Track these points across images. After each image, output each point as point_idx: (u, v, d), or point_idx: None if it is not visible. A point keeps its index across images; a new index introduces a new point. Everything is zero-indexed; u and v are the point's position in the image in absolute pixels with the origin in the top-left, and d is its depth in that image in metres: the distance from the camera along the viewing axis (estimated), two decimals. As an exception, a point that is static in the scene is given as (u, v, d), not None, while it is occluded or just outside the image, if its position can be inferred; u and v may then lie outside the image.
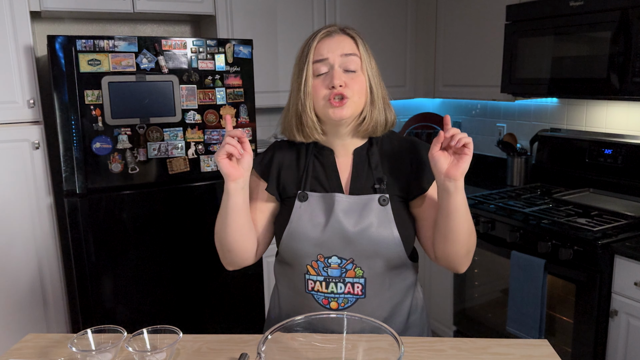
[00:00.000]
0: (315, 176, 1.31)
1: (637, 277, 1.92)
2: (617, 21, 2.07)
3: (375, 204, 1.25)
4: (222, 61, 2.39)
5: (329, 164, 1.31)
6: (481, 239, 2.51)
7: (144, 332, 1.23)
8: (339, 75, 1.21)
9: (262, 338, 1.03)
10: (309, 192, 1.29)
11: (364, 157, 1.31)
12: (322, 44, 1.23)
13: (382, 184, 1.27)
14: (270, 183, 1.33)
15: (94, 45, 2.14)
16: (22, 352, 1.25)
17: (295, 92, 1.26)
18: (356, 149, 1.32)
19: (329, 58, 1.22)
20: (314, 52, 1.23)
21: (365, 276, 1.26)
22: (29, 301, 2.39)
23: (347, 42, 1.24)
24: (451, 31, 3.09)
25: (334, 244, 1.24)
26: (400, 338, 1.01)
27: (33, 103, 2.27)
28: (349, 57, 1.23)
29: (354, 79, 1.23)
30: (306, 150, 1.33)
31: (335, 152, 1.32)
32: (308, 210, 1.27)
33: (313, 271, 1.27)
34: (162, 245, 2.42)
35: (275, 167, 1.34)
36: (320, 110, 1.24)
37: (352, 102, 1.22)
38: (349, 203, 1.25)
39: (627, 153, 2.45)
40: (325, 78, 1.22)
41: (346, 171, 1.31)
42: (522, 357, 1.19)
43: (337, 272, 1.26)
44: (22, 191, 2.30)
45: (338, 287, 1.26)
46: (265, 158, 1.37)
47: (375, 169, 1.29)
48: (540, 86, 2.44)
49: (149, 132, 2.29)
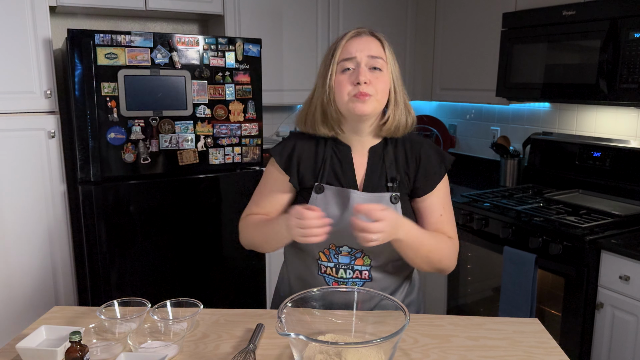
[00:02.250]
0: (333, 170, 1.37)
1: (622, 271, 2.03)
2: (606, 30, 2.20)
3: (387, 201, 1.33)
4: (232, 58, 2.49)
5: (346, 160, 1.37)
6: (475, 235, 2.62)
7: (167, 304, 1.33)
8: (365, 73, 1.26)
9: (282, 306, 1.13)
10: (325, 185, 1.35)
11: (379, 155, 1.37)
12: (351, 43, 1.29)
13: (395, 183, 1.35)
14: (292, 176, 1.38)
15: (111, 40, 2.24)
16: (51, 322, 1.33)
17: (321, 86, 1.32)
18: (372, 147, 1.38)
19: (356, 57, 1.27)
20: (342, 50, 1.29)
21: (372, 264, 1.35)
22: (40, 286, 2.47)
23: (375, 44, 1.30)
24: (449, 37, 3.21)
25: (346, 236, 1.29)
26: (406, 309, 1.12)
27: (50, 94, 2.36)
28: (375, 59, 1.28)
29: (379, 78, 1.28)
30: (325, 143, 1.38)
31: (352, 149, 1.38)
32: (323, 203, 1.34)
33: (324, 257, 1.36)
34: (171, 233, 2.52)
35: (295, 159, 1.38)
36: (343, 105, 1.29)
37: (374, 99, 1.28)
38: (362, 199, 1.32)
39: (615, 156, 2.57)
40: (352, 74, 1.28)
41: (361, 168, 1.37)
42: (515, 333, 1.30)
43: (346, 259, 1.35)
44: (37, 178, 2.39)
45: (347, 273, 1.36)
46: (286, 149, 1.40)
47: (389, 167, 1.36)
48: (534, 91, 2.56)
49: (161, 125, 2.39)
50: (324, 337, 1.18)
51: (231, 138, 2.57)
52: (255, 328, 1.28)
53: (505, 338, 1.27)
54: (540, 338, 1.27)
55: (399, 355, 1.19)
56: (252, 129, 2.61)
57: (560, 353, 1.21)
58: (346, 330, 1.22)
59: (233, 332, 1.29)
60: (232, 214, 2.64)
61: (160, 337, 1.23)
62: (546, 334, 1.29)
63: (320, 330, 1.20)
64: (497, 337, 1.27)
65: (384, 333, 1.12)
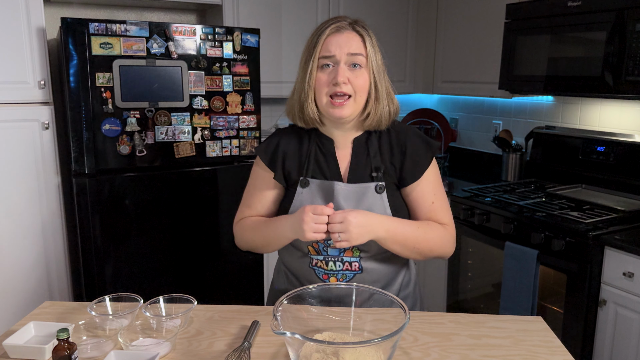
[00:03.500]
0: (317, 164, 1.36)
1: (625, 268, 2.00)
2: (612, 22, 2.15)
3: (372, 191, 1.32)
4: (230, 49, 2.45)
5: (330, 153, 1.37)
6: (476, 231, 2.58)
7: (159, 300, 1.29)
8: (343, 72, 1.25)
9: (278, 303, 1.09)
10: (310, 179, 1.35)
11: (363, 146, 1.36)
12: (331, 39, 1.27)
13: (379, 173, 1.33)
14: (277, 172, 1.38)
15: (106, 29, 2.19)
16: (41, 317, 1.31)
17: (300, 81, 1.32)
18: (356, 137, 1.37)
19: (335, 55, 1.26)
20: (321, 46, 1.27)
21: (361, 255, 1.34)
22: (33, 280, 2.43)
23: (355, 40, 1.28)
24: (451, 28, 3.16)
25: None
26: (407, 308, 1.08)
27: (44, 84, 2.31)
28: (355, 56, 1.27)
29: (358, 76, 1.27)
30: (309, 137, 1.39)
31: (335, 142, 1.37)
32: (309, 196, 1.34)
33: (314, 251, 1.35)
34: (167, 226, 2.48)
35: (280, 155, 1.38)
36: (322, 106, 1.30)
37: (352, 101, 1.27)
38: (347, 191, 1.32)
39: (619, 151, 2.53)
40: (330, 72, 1.27)
41: (345, 160, 1.37)
42: (518, 331, 1.27)
43: (335, 252, 1.33)
44: (31, 170, 2.35)
45: (337, 265, 1.34)
46: (270, 146, 1.41)
47: (373, 157, 1.35)
48: (537, 84, 2.51)
49: (157, 116, 2.34)
50: (321, 335, 1.14)
51: (229, 130, 2.52)
52: (251, 325, 1.24)
53: (508, 337, 1.24)
54: (544, 337, 1.24)
55: (398, 354, 1.16)
56: (250, 122, 2.57)
57: (565, 352, 1.17)
58: (344, 327, 1.19)
59: (228, 329, 1.26)
60: (229, 208, 2.60)
61: (153, 334, 1.20)
62: (550, 333, 1.26)
63: (318, 328, 1.17)
64: (500, 336, 1.24)
65: (383, 331, 1.09)
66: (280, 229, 1.31)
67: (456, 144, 3.60)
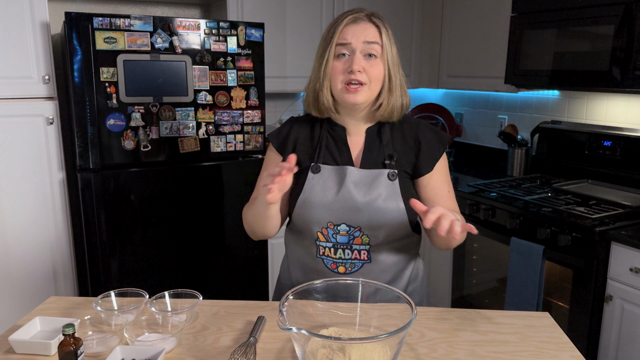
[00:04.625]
0: (328, 150, 1.38)
1: (632, 263, 1.99)
2: (620, 15, 2.13)
3: (384, 178, 1.32)
4: (234, 43, 2.43)
5: (341, 140, 1.38)
6: (481, 226, 2.57)
7: (165, 295, 1.29)
8: (359, 61, 1.27)
9: (284, 298, 1.08)
10: (321, 165, 1.36)
11: (376, 135, 1.38)
12: (348, 28, 1.29)
13: (392, 161, 1.34)
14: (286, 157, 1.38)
15: (110, 24, 2.18)
16: (47, 313, 1.31)
17: (316, 70, 1.34)
18: (369, 127, 1.39)
19: (351, 43, 1.28)
20: (338, 35, 1.29)
21: (370, 243, 1.33)
22: (38, 275, 2.44)
23: (372, 30, 1.30)
24: (457, 22, 3.14)
25: (344, 213, 1.31)
26: (413, 303, 1.07)
27: (48, 79, 2.31)
28: (371, 44, 1.28)
29: (373, 66, 1.29)
30: (320, 126, 1.40)
31: (347, 130, 1.39)
32: (320, 181, 1.34)
33: (323, 238, 1.34)
34: (172, 221, 2.48)
35: (291, 142, 1.41)
36: (336, 92, 1.31)
37: (367, 88, 1.29)
38: (359, 176, 1.33)
39: (626, 145, 2.51)
40: (346, 61, 1.29)
41: (357, 147, 1.38)
42: (525, 327, 1.26)
43: (345, 239, 1.33)
44: (35, 165, 2.35)
45: (345, 253, 1.34)
46: (282, 132, 1.43)
47: (386, 145, 1.36)
48: (543, 78, 2.49)
49: (161, 111, 2.34)
50: (327, 331, 1.14)
51: (233, 125, 2.52)
52: (257, 321, 1.24)
53: (515, 332, 1.23)
54: (551, 333, 1.23)
55: (404, 350, 1.15)
56: (255, 116, 2.56)
57: (572, 349, 1.16)
58: (350, 323, 1.19)
59: (233, 324, 1.26)
60: (234, 203, 2.60)
61: (158, 330, 1.20)
62: (557, 329, 1.25)
63: (324, 324, 1.17)
64: (507, 332, 1.23)
65: (390, 327, 1.08)
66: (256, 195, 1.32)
67: (461, 139, 3.58)
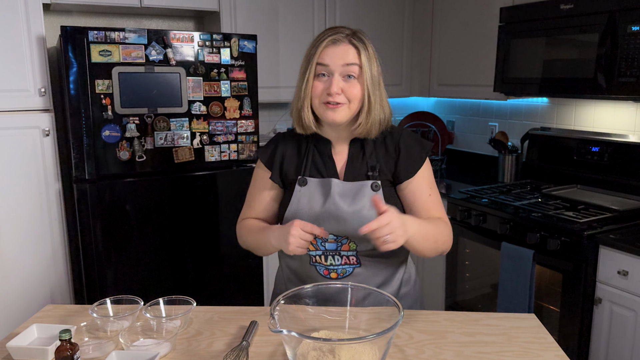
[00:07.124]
0: (314, 163, 1.42)
1: (620, 266, 2.02)
2: (604, 23, 2.18)
3: (368, 189, 1.36)
4: (228, 55, 2.48)
5: (326, 152, 1.42)
6: (472, 231, 2.61)
7: (159, 302, 1.32)
8: (337, 83, 1.30)
9: (275, 303, 1.11)
10: (308, 178, 1.40)
11: (359, 147, 1.41)
12: (327, 50, 1.31)
13: (375, 172, 1.38)
14: (274, 172, 1.44)
15: (105, 37, 2.22)
16: (44, 320, 1.33)
17: (298, 89, 1.37)
18: (352, 140, 1.42)
19: (330, 65, 1.31)
20: (318, 55, 1.32)
21: (358, 249, 1.37)
22: (35, 284, 2.45)
23: (351, 51, 1.31)
24: (446, 32, 3.19)
25: (331, 223, 1.34)
26: (401, 306, 1.11)
27: (44, 91, 2.34)
28: (349, 66, 1.31)
29: (352, 86, 1.32)
30: (307, 140, 1.44)
31: (332, 143, 1.43)
32: (307, 194, 1.38)
33: (312, 247, 1.37)
34: (167, 230, 2.50)
35: (278, 157, 1.44)
36: (316, 109, 1.35)
37: (346, 107, 1.32)
38: (344, 188, 1.36)
39: (613, 151, 2.56)
40: (326, 81, 1.32)
41: (342, 160, 1.42)
42: (511, 328, 1.29)
43: (333, 246, 1.37)
44: (32, 176, 2.37)
45: (335, 259, 1.38)
46: (269, 149, 1.47)
47: (369, 157, 1.39)
48: (532, 86, 2.54)
49: (156, 122, 2.37)
50: (318, 334, 1.17)
51: (227, 135, 2.55)
52: (249, 325, 1.27)
53: (502, 334, 1.26)
54: (536, 333, 1.26)
55: (393, 351, 1.18)
56: (249, 126, 2.60)
57: (557, 348, 1.19)
58: (340, 326, 1.21)
59: (226, 329, 1.28)
60: (228, 212, 2.63)
61: (153, 335, 1.22)
62: (543, 330, 1.28)
63: (314, 327, 1.19)
64: (494, 333, 1.26)
65: (379, 329, 1.11)
66: (267, 237, 1.35)
67: (453, 146, 3.62)
